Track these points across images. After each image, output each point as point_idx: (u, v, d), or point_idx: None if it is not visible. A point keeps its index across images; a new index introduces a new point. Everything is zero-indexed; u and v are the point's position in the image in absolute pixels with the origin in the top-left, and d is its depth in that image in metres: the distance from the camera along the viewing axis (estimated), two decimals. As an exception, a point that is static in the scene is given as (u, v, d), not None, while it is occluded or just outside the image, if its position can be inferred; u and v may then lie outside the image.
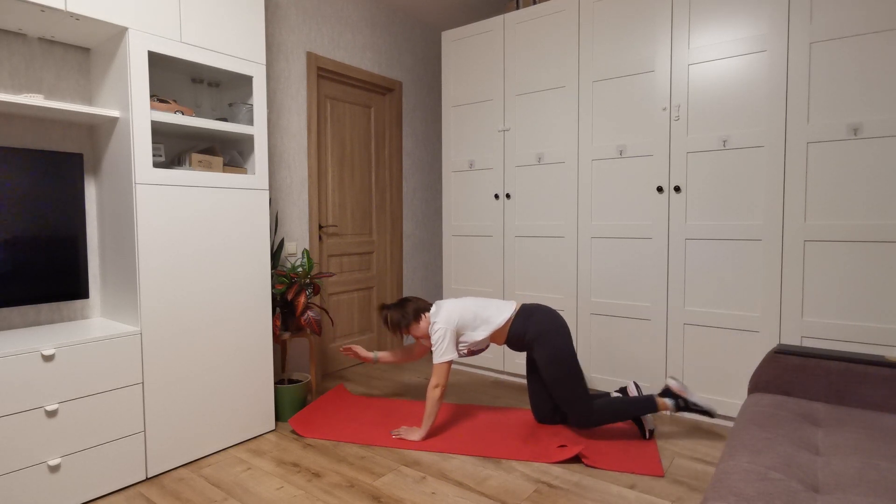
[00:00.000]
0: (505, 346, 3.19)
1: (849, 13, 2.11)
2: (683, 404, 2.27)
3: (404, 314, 2.48)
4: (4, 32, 1.95)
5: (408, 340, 4.06)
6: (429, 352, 2.57)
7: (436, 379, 2.31)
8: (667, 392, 2.30)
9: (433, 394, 2.30)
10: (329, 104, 3.39)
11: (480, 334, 2.36)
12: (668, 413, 2.27)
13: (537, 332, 2.32)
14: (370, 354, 2.74)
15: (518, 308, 2.42)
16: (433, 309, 2.44)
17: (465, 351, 2.42)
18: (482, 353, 3.25)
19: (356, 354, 2.73)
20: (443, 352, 2.32)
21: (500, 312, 2.39)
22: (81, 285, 2.11)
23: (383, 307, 2.56)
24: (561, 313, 2.96)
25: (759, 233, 2.34)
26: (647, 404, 2.27)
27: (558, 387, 2.28)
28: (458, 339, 2.37)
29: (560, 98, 2.91)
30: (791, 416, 1.56)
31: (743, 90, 2.36)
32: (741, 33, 2.35)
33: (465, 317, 2.36)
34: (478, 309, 2.40)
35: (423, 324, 2.48)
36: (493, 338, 2.41)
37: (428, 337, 2.48)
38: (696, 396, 2.27)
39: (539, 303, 2.45)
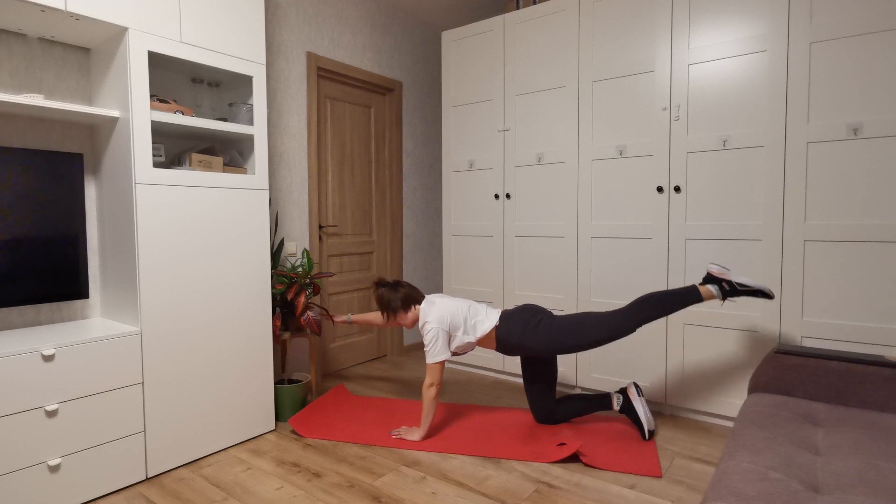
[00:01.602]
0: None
1: (849, 13, 2.11)
2: (729, 288, 2.08)
3: (394, 298, 2.50)
4: (4, 32, 1.95)
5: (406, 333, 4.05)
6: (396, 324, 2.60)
7: (430, 378, 2.31)
8: (709, 278, 2.15)
9: (428, 393, 2.30)
10: (329, 104, 3.38)
11: (468, 338, 2.37)
12: (719, 303, 2.08)
13: (520, 331, 2.31)
14: (343, 317, 2.79)
15: (500, 314, 2.41)
16: (424, 305, 2.43)
17: (452, 351, 2.43)
18: (474, 352, 3.34)
19: (331, 319, 2.77)
20: (436, 352, 2.31)
21: (488, 319, 2.40)
22: (81, 285, 2.11)
23: (379, 283, 2.57)
24: (561, 313, 2.96)
25: (759, 233, 2.34)
26: (690, 294, 2.11)
27: (582, 337, 2.21)
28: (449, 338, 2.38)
29: (560, 98, 2.91)
30: (791, 416, 1.56)
31: (743, 90, 2.36)
32: (741, 33, 2.35)
33: (456, 319, 2.36)
34: (468, 314, 2.40)
35: (410, 314, 2.49)
36: (481, 342, 2.42)
37: (412, 326, 2.53)
38: (743, 277, 2.07)
39: (523, 304, 2.45)
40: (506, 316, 2.39)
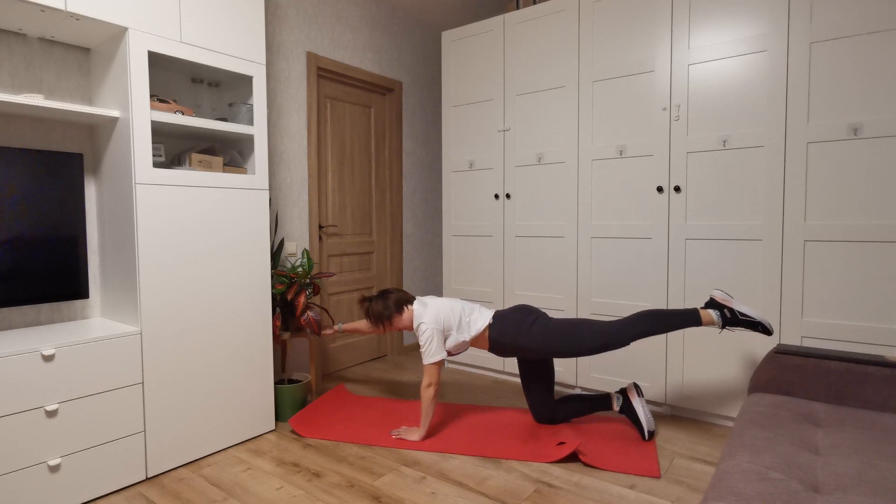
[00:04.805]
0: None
1: (849, 13, 2.11)
2: (730, 315, 2.09)
3: (386, 306, 2.48)
4: (4, 32, 1.95)
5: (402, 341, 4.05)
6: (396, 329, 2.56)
7: (427, 378, 2.31)
8: (711, 303, 2.16)
9: (427, 393, 2.30)
10: (329, 104, 3.38)
11: (463, 336, 2.37)
12: (717, 330, 2.09)
13: (514, 332, 2.31)
14: (333, 328, 2.75)
15: (492, 315, 2.41)
16: (417, 306, 2.42)
17: (448, 350, 2.43)
18: (473, 352, 3.33)
19: (319, 332, 2.66)
20: (432, 353, 2.31)
21: (482, 317, 2.39)
22: (81, 285, 2.11)
23: (364, 299, 2.56)
24: (561, 313, 2.96)
25: (760, 233, 2.34)
26: (690, 316, 2.14)
27: (575, 343, 2.21)
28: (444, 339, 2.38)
29: (560, 98, 2.91)
30: (791, 416, 1.56)
31: (743, 90, 2.36)
32: (741, 33, 2.35)
33: (450, 318, 2.36)
34: (463, 313, 2.40)
35: (405, 316, 2.47)
36: (474, 342, 2.42)
37: (410, 328, 2.49)
38: (745, 307, 2.09)
39: (517, 304, 2.44)
40: (499, 316, 2.38)
